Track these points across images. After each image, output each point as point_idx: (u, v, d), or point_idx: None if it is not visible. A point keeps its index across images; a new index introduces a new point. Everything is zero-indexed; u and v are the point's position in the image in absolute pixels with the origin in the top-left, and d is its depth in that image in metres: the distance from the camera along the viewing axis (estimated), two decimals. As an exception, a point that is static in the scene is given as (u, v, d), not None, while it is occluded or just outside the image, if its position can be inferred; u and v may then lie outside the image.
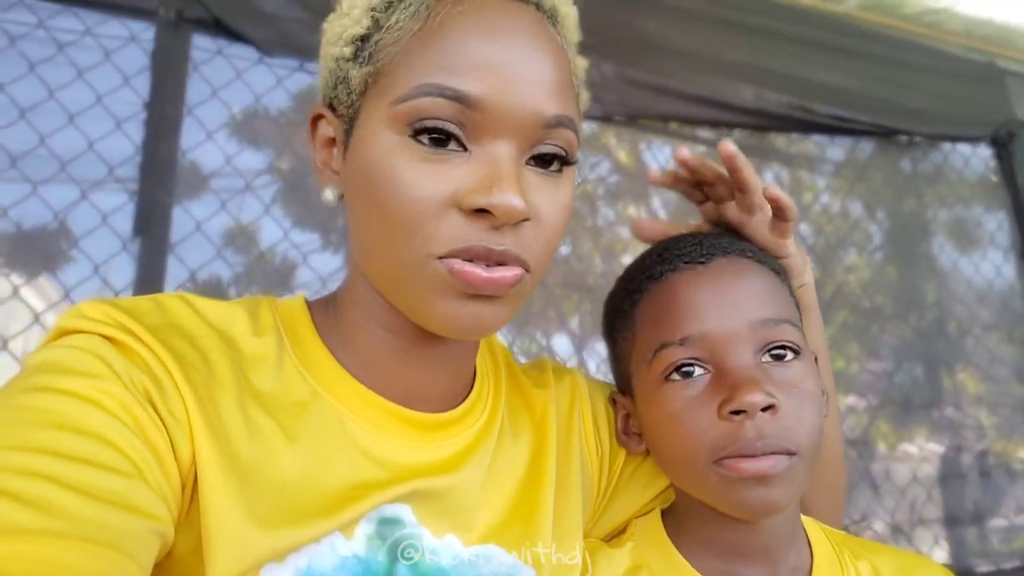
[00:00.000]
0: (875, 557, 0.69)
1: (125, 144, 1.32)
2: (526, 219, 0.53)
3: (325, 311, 0.63)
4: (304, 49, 1.45)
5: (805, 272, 0.74)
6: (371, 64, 0.55)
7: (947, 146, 2.13)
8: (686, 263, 0.65)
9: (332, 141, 0.60)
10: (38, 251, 1.29)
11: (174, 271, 1.33)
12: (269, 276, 1.52)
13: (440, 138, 0.52)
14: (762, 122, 1.99)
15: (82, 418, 0.45)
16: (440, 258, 0.52)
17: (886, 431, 1.89)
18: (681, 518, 0.68)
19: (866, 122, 2.01)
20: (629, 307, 0.69)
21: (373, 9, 0.56)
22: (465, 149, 0.53)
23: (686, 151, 0.71)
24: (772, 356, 0.62)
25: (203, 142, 1.39)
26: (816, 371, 0.64)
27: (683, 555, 0.66)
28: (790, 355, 0.62)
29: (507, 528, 0.62)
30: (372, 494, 0.56)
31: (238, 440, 0.52)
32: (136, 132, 1.33)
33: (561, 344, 1.94)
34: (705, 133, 2.08)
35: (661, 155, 2.24)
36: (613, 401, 0.73)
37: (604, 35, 1.80)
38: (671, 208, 2.24)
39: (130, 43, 1.35)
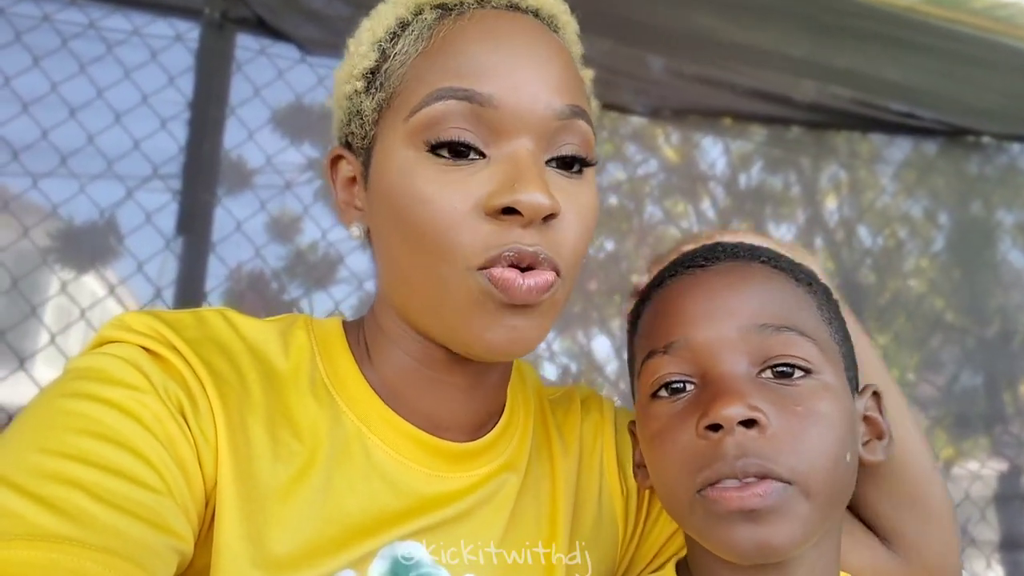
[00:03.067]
0: None
1: (169, 143, 1.35)
2: (553, 214, 0.52)
3: (359, 333, 0.63)
4: (346, 47, 1.45)
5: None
6: (383, 91, 0.56)
7: (1016, 146, 2.01)
8: (687, 267, 0.59)
9: (353, 180, 0.61)
10: (87, 247, 1.32)
11: (215, 268, 1.35)
12: (309, 273, 1.53)
13: (459, 150, 0.52)
14: (821, 118, 1.91)
15: (118, 429, 0.46)
16: (480, 269, 0.52)
17: (945, 444, 1.81)
18: (694, 568, 0.59)
19: (931, 119, 1.91)
20: (635, 319, 0.63)
21: (379, 42, 0.57)
22: (483, 155, 0.53)
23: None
24: (775, 373, 0.53)
25: (245, 141, 1.41)
26: (840, 395, 0.55)
27: None
28: (798, 374, 0.53)
29: (527, 569, 0.60)
30: (388, 527, 0.55)
31: (261, 464, 0.52)
32: (180, 131, 1.36)
33: (601, 346, 1.91)
34: (760, 129, 2.02)
35: (714, 150, 2.19)
36: (632, 432, 0.66)
37: (651, 28, 1.74)
38: (720, 207, 2.18)
39: (176, 43, 1.38)
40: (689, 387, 0.55)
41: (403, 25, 0.57)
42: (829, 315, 0.59)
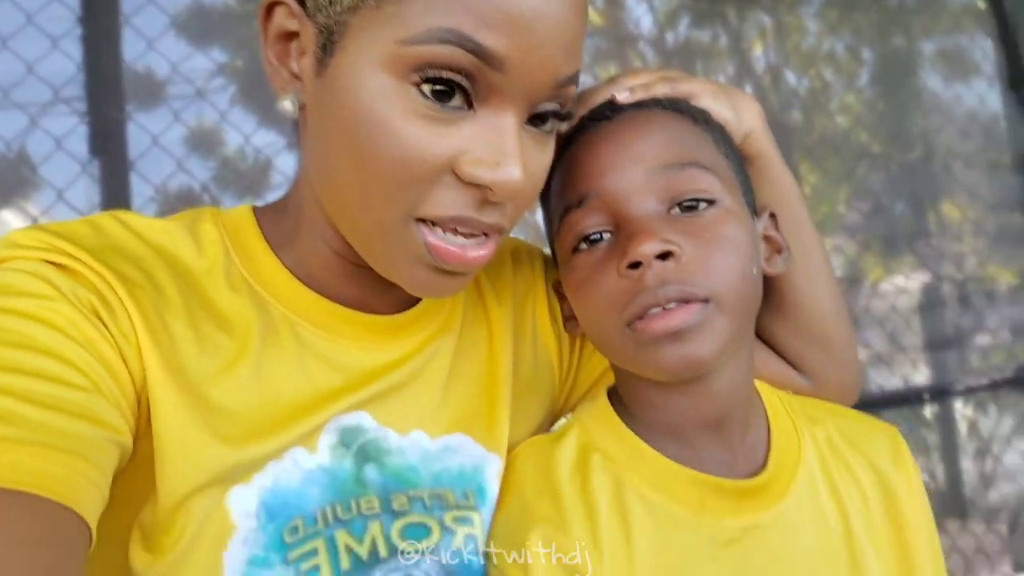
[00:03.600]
0: (833, 421, 0.66)
1: (66, 63, 1.29)
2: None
3: (274, 219, 0.61)
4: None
5: (743, 116, 0.67)
6: None
7: (932, -28, 2.02)
8: (592, 121, 0.60)
9: (289, 36, 0.53)
10: (1, 181, 1.29)
11: (138, 187, 1.33)
12: (239, 181, 1.52)
13: (444, 91, 0.47)
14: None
15: (34, 336, 0.45)
16: (420, 220, 0.50)
17: (873, 266, 1.92)
18: (626, 397, 0.65)
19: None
20: (547, 181, 0.64)
21: None
22: (471, 107, 0.49)
23: (624, 95, 0.62)
24: (683, 209, 0.56)
25: (146, 52, 1.35)
26: (742, 218, 0.59)
27: (635, 433, 0.62)
28: (703, 205, 0.57)
29: (475, 419, 0.63)
30: (330, 402, 0.56)
31: (188, 358, 0.52)
32: (74, 49, 1.29)
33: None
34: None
35: (639, 9, 2.15)
36: (556, 290, 0.70)
37: None
38: (651, 66, 2.17)
39: (50, -47, 1.29)
40: (606, 235, 0.58)
41: None
42: (725, 149, 0.62)
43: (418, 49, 0.46)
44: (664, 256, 0.54)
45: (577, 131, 0.62)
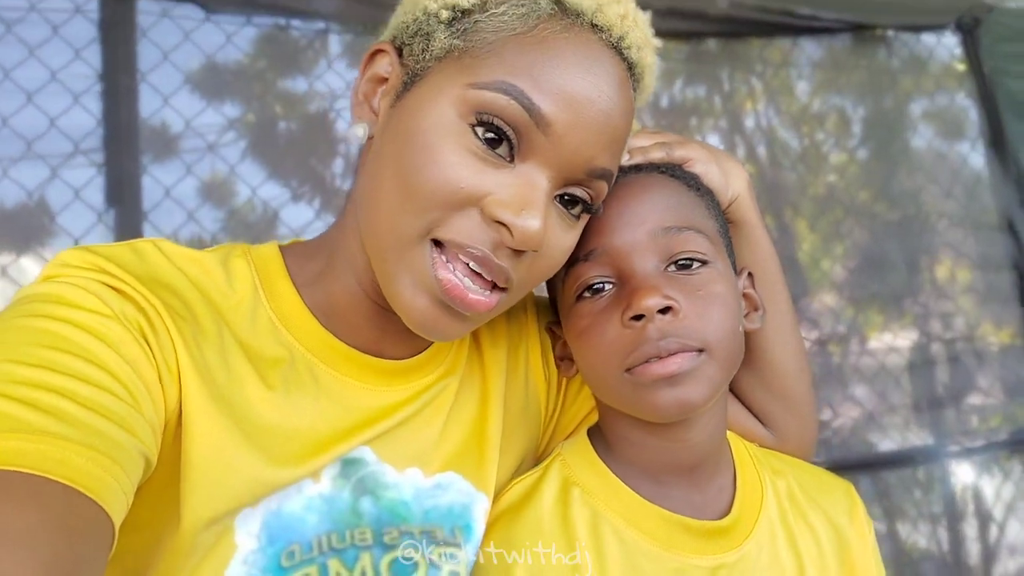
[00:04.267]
0: (793, 473, 0.72)
1: (86, 118, 1.35)
2: (535, 250, 0.55)
3: (302, 257, 0.64)
4: (248, 2, 1.46)
5: (731, 181, 0.73)
6: (463, 39, 0.55)
7: (913, 37, 2.10)
8: None
9: (382, 80, 0.60)
10: (20, 230, 1.34)
11: (151, 237, 1.38)
12: (247, 232, 1.57)
13: (495, 139, 0.54)
14: (735, 29, 1.97)
15: (84, 346, 0.47)
16: (436, 241, 0.54)
17: (863, 324, 1.95)
18: (608, 437, 0.70)
19: (836, 20, 1.99)
20: None
21: None
22: (511, 161, 0.54)
23: (625, 158, 0.69)
24: (678, 266, 0.63)
25: (161, 107, 1.42)
26: (729, 278, 0.65)
27: (613, 472, 0.67)
28: (696, 264, 0.63)
29: (466, 457, 0.67)
30: (340, 440, 0.60)
31: (223, 387, 0.55)
32: (94, 104, 1.36)
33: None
34: (679, 46, 2.07)
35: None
36: (550, 331, 0.76)
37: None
38: (646, 125, 2.24)
39: (76, 15, 1.36)
40: (608, 286, 0.64)
41: None
42: (714, 212, 0.69)
43: (482, 94, 0.53)
44: (664, 311, 0.60)
45: None
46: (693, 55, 2.12)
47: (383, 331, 0.64)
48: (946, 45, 2.10)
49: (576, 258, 0.64)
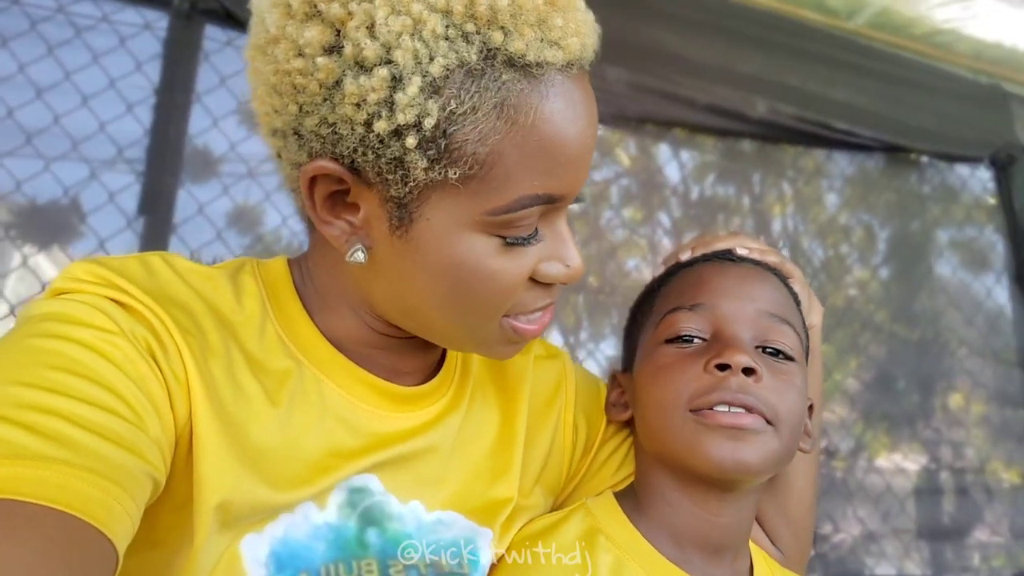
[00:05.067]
0: None
1: (135, 127, 1.38)
2: None
3: (305, 279, 0.64)
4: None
5: (812, 312, 0.78)
6: (450, 162, 0.49)
7: (947, 166, 2.14)
8: (719, 258, 0.73)
9: (337, 192, 0.54)
10: (49, 224, 1.35)
11: (176, 250, 1.39)
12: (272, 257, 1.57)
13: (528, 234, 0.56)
14: (771, 133, 2.01)
15: (91, 366, 0.47)
16: (506, 316, 0.58)
17: (872, 443, 1.91)
18: (641, 493, 0.70)
19: (871, 138, 2.03)
20: (657, 286, 0.76)
21: (437, 88, 0.48)
22: (537, 233, 0.56)
23: (745, 251, 0.76)
24: (768, 352, 0.66)
25: (209, 128, 1.45)
26: (805, 385, 0.68)
27: (640, 532, 0.67)
28: (783, 357, 0.67)
29: (469, 499, 0.65)
30: (345, 463, 0.59)
31: (229, 402, 0.55)
32: (146, 116, 1.39)
33: (554, 340, 1.98)
34: (713, 142, 2.12)
35: (670, 161, 2.27)
36: (613, 378, 0.79)
37: (614, 41, 1.82)
38: (675, 216, 2.27)
39: (144, 31, 1.41)
40: (697, 341, 0.67)
41: (471, 75, 0.48)
42: (804, 331, 0.73)
43: (505, 217, 0.52)
44: (749, 372, 0.62)
45: (703, 261, 0.73)
46: (728, 152, 2.16)
47: (393, 355, 0.64)
48: (980, 178, 2.13)
49: (681, 306, 0.69)
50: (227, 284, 0.60)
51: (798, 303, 0.74)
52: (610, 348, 1.98)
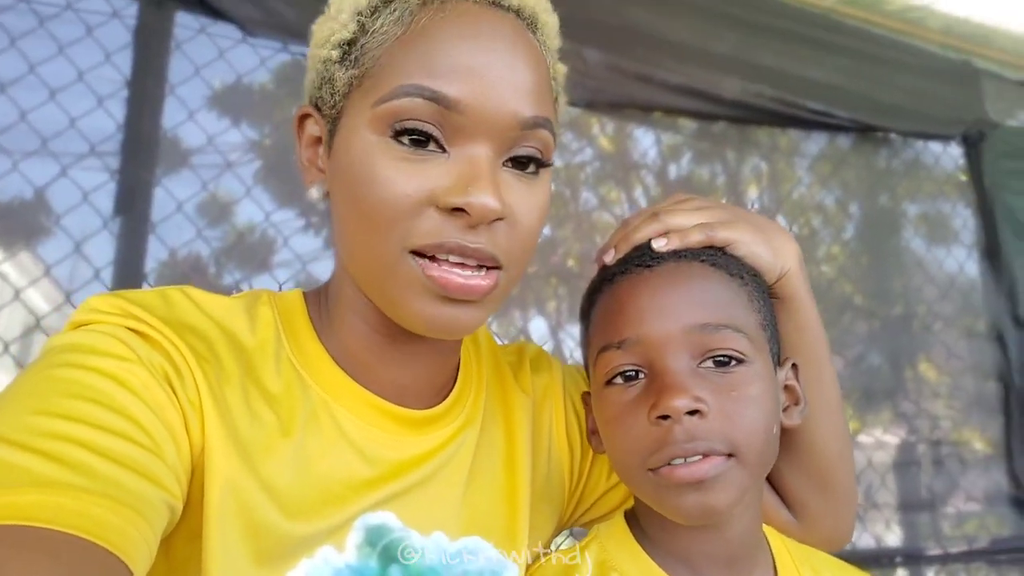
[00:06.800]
0: (832, 573, 0.69)
1: (107, 121, 1.32)
2: (500, 218, 0.54)
3: (318, 305, 0.65)
4: (287, 29, 1.45)
5: (778, 263, 0.69)
6: (357, 67, 0.56)
7: (920, 143, 2.17)
8: (636, 266, 0.65)
9: (318, 140, 0.61)
10: (19, 226, 1.29)
11: (155, 250, 1.34)
12: (248, 255, 1.53)
13: (420, 139, 0.54)
14: (745, 115, 2.01)
15: (109, 394, 0.47)
16: (413, 252, 0.54)
17: (851, 418, 1.96)
18: (644, 523, 0.68)
19: (844, 117, 2.04)
20: (588, 307, 0.69)
21: (359, 13, 0.57)
22: (444, 150, 0.54)
23: (662, 243, 0.66)
24: (715, 362, 0.61)
25: (184, 121, 1.39)
26: (767, 376, 0.63)
27: (652, 559, 0.65)
28: (733, 363, 0.61)
29: (492, 521, 0.65)
30: (359, 496, 0.58)
31: (243, 429, 0.55)
32: (118, 109, 1.33)
33: (538, 327, 1.98)
34: (688, 123, 2.11)
35: (646, 141, 2.27)
36: (585, 401, 0.73)
37: (588, 21, 1.80)
38: (652, 195, 2.27)
39: (112, 19, 1.35)
40: (640, 375, 0.62)
41: (386, 1, 0.57)
42: (759, 303, 0.66)
43: (387, 106, 0.54)
44: (692, 412, 0.58)
45: (620, 272, 0.66)
46: (703, 134, 2.16)
47: (401, 368, 0.63)
48: (951, 155, 2.17)
49: (609, 344, 0.63)
50: (243, 313, 0.61)
51: (745, 277, 0.66)
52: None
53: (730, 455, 0.58)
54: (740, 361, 0.61)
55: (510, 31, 0.56)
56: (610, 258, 0.68)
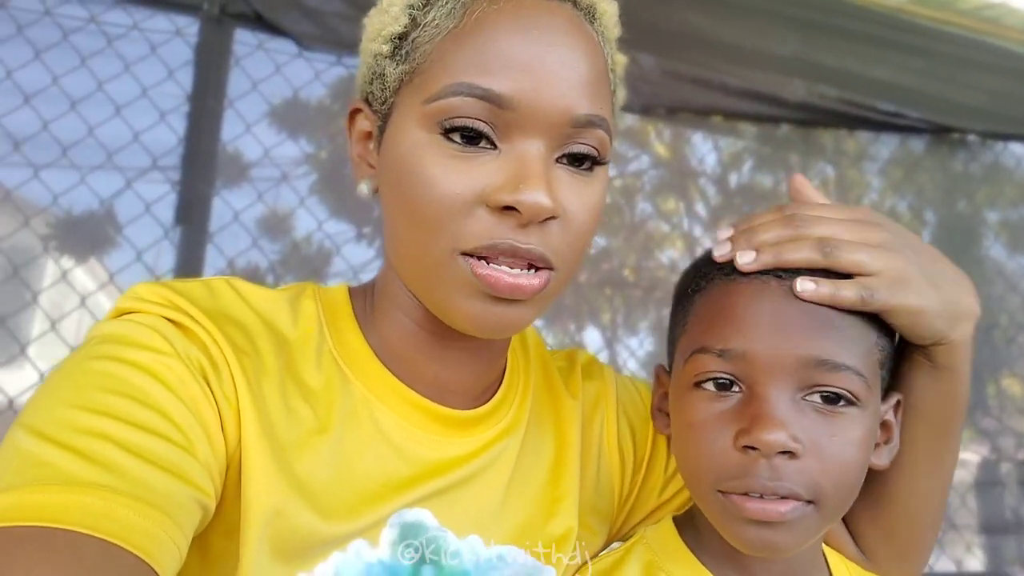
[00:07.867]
0: None
1: (168, 135, 1.37)
2: (553, 217, 0.52)
3: (363, 300, 0.64)
4: (342, 43, 1.48)
5: (957, 326, 0.58)
6: (408, 62, 0.55)
7: (1000, 145, 2.05)
8: (762, 272, 0.57)
9: (369, 135, 0.61)
10: (86, 236, 1.35)
11: (212, 259, 1.38)
12: (304, 265, 1.56)
13: (471, 136, 0.53)
14: (810, 117, 1.94)
15: (144, 389, 0.47)
16: (464, 254, 0.52)
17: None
18: (700, 527, 0.64)
19: (917, 118, 1.95)
20: (692, 292, 0.62)
21: (411, 7, 0.56)
22: (495, 147, 0.53)
23: (748, 259, 0.58)
24: (822, 398, 0.54)
25: (243, 134, 1.43)
26: (873, 420, 0.56)
27: (702, 563, 0.62)
28: (842, 403, 0.54)
29: (531, 531, 0.63)
30: (396, 494, 0.57)
31: (279, 425, 0.54)
32: (179, 124, 1.38)
33: (592, 338, 1.94)
34: (750, 128, 2.05)
35: (704, 148, 2.22)
36: (657, 376, 0.68)
37: (643, 27, 1.77)
38: (712, 205, 2.21)
39: (175, 37, 1.40)
40: (735, 387, 0.56)
41: None
42: (885, 341, 0.58)
43: (438, 104, 0.52)
44: (784, 452, 0.53)
45: (740, 273, 0.58)
46: (765, 138, 2.09)
47: (443, 365, 0.61)
48: (1034, 155, 2.05)
49: (708, 348, 0.57)
50: (287, 306, 0.60)
51: (880, 321, 0.57)
52: (650, 345, 1.93)
53: (810, 502, 0.54)
54: (850, 403, 0.55)
55: (566, 22, 0.54)
56: (724, 252, 0.60)
